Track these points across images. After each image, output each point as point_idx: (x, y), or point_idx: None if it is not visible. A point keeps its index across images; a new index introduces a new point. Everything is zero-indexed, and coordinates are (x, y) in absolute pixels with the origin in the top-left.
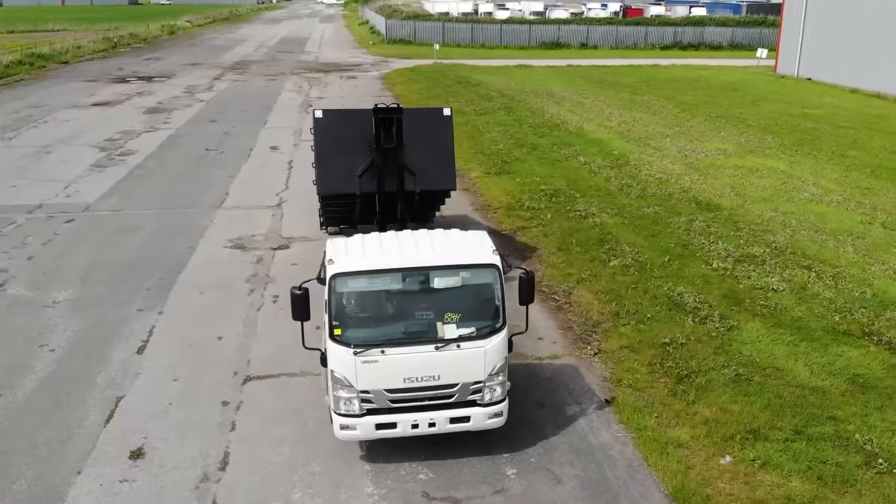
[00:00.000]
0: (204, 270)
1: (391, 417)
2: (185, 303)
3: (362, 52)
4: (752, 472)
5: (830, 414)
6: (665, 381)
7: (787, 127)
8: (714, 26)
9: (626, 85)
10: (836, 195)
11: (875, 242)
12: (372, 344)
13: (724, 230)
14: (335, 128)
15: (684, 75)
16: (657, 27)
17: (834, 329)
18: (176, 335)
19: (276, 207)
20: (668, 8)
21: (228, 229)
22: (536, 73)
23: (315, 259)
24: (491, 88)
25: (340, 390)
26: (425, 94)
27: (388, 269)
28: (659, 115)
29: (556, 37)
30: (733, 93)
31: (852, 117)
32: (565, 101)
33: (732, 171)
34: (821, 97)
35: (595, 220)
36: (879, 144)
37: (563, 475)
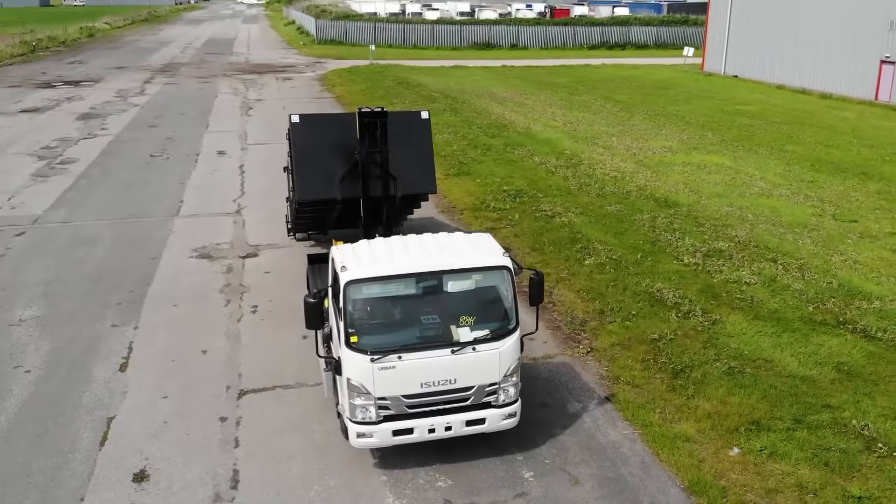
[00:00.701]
0: (174, 282)
1: (408, 423)
2: (161, 316)
3: (294, 53)
4: (761, 463)
5: (825, 402)
6: (661, 376)
7: (724, 123)
8: (639, 26)
9: (562, 85)
10: (784, 189)
11: (830, 234)
12: (388, 350)
13: (687, 226)
14: (313, 132)
15: (617, 74)
16: (584, 27)
17: (810, 319)
18: (157, 350)
19: (237, 214)
20: (592, 8)
21: (191, 238)
22: (473, 74)
23: (287, 266)
24: (432, 89)
25: (357, 398)
26: (368, 95)
27: (402, 274)
28: (600, 114)
29: (487, 37)
30: (666, 91)
31: (783, 113)
32: (508, 102)
33: (682, 168)
34: (750, 94)
35: (563, 220)
36: (813, 139)
37: (579, 475)
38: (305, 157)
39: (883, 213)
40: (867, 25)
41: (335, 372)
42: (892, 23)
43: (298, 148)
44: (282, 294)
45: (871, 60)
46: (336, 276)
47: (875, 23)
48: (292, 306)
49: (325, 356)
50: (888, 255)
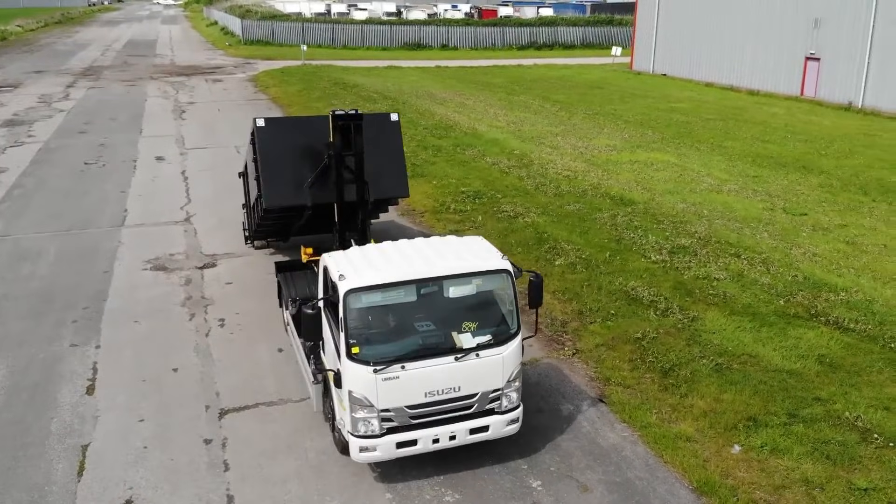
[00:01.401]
0: (130, 296)
1: (412, 434)
2: (122, 334)
3: (220, 54)
4: (763, 459)
5: (814, 395)
6: (651, 376)
7: (662, 121)
8: (566, 26)
9: (499, 85)
10: (732, 184)
11: (784, 228)
12: (391, 360)
13: (647, 223)
14: (279, 136)
15: (549, 75)
16: (513, 28)
17: (784, 313)
18: (124, 370)
19: (186, 222)
20: (517, 9)
21: (142, 249)
22: (408, 74)
23: (249, 276)
24: (370, 90)
25: (359, 411)
26: (305, 96)
27: (403, 281)
28: (540, 114)
29: (418, 38)
30: (600, 90)
31: (715, 109)
32: (449, 103)
33: (630, 166)
34: (680, 92)
35: (526, 220)
36: (749, 134)
37: (587, 482)
38: (272, 162)
39: (829, 205)
40: (792, 23)
41: (335, 385)
42: (816, 20)
43: (264, 153)
44: (248, 306)
45: (797, 57)
46: (334, 285)
47: (800, 21)
48: (262, 318)
49: (315, 368)
50: (843, 248)
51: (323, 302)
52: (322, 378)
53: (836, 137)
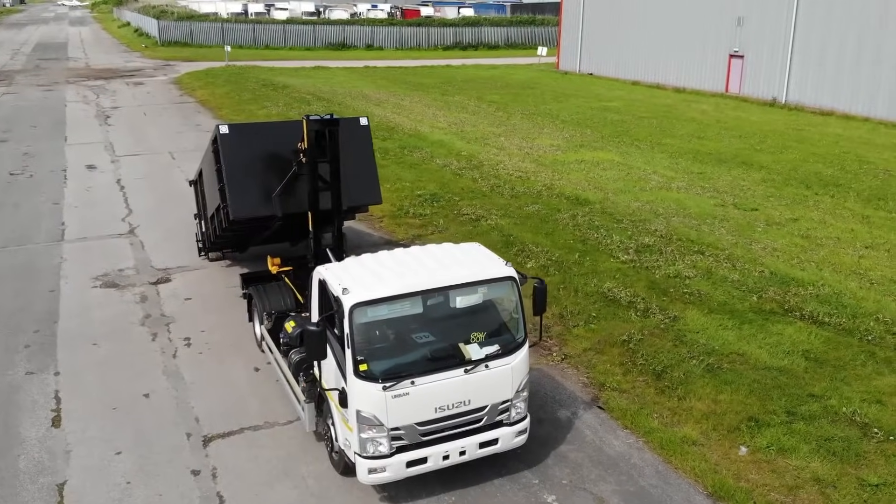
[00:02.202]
0: (84, 317)
1: (422, 452)
2: (82, 358)
3: (137, 56)
4: (772, 460)
5: (808, 392)
6: (644, 379)
7: (598, 120)
8: (489, 26)
9: (431, 86)
10: (679, 182)
11: (739, 223)
12: (400, 375)
13: (607, 223)
14: (244, 144)
15: (480, 75)
16: (438, 28)
17: (760, 309)
18: (91, 398)
19: (131, 235)
20: (437, 9)
21: (87, 265)
22: (337, 75)
23: (209, 291)
24: (302, 91)
25: (368, 430)
26: (235, 98)
27: (409, 292)
28: (479, 114)
29: (342, 38)
30: (532, 90)
31: (646, 108)
32: (385, 104)
33: (578, 166)
34: (609, 91)
35: (489, 223)
36: (684, 131)
37: (601, 493)
38: (237, 170)
39: (776, 200)
40: (716, 21)
41: (340, 404)
42: (739, 18)
43: (229, 161)
44: (213, 322)
45: (721, 55)
46: (336, 299)
47: (724, 19)
48: (230, 335)
49: (305, 387)
50: (800, 242)
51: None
52: (316, 396)
53: (768, 133)
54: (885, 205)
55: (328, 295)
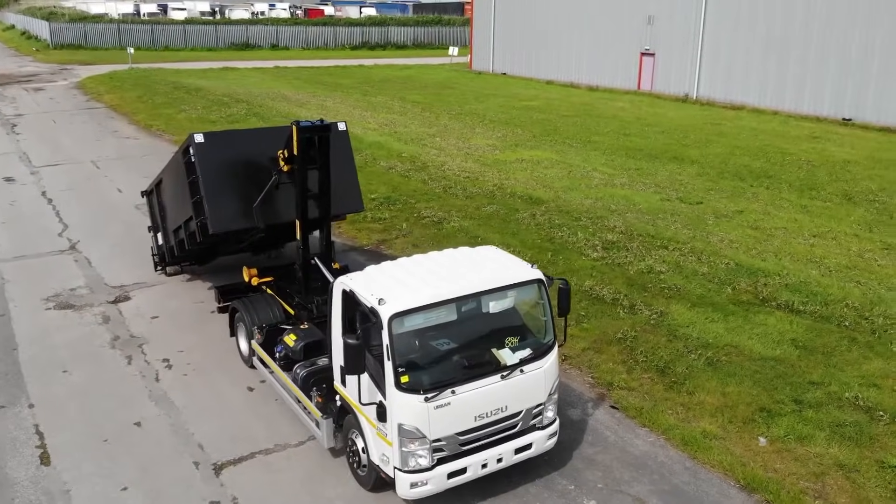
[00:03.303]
0: (45, 342)
1: (461, 462)
2: (55, 388)
3: (29, 60)
4: (792, 448)
5: (808, 380)
6: (649, 376)
7: (524, 120)
8: (396, 26)
9: (349, 86)
10: (620, 178)
11: (689, 217)
12: (440, 385)
13: (567, 221)
14: (220, 153)
15: (395, 75)
16: (345, 27)
17: (738, 301)
18: (76, 431)
19: (73, 251)
20: (338, 8)
21: (33, 285)
22: (248, 76)
23: (176, 308)
24: (218, 93)
25: (410, 444)
26: (149, 102)
27: (446, 300)
28: (407, 115)
29: (245, 38)
30: (451, 90)
31: (566, 106)
32: (308, 105)
33: (520, 165)
34: (526, 90)
35: (452, 225)
36: (609, 129)
37: (639, 494)
38: (214, 181)
39: (716, 193)
40: (627, 20)
41: (378, 419)
42: (649, 17)
43: (206, 172)
44: (189, 341)
45: (632, 53)
46: (372, 310)
47: (634, 18)
48: (212, 354)
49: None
50: (752, 233)
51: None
52: (335, 410)
53: (688, 128)
54: (817, 195)
55: (356, 306)
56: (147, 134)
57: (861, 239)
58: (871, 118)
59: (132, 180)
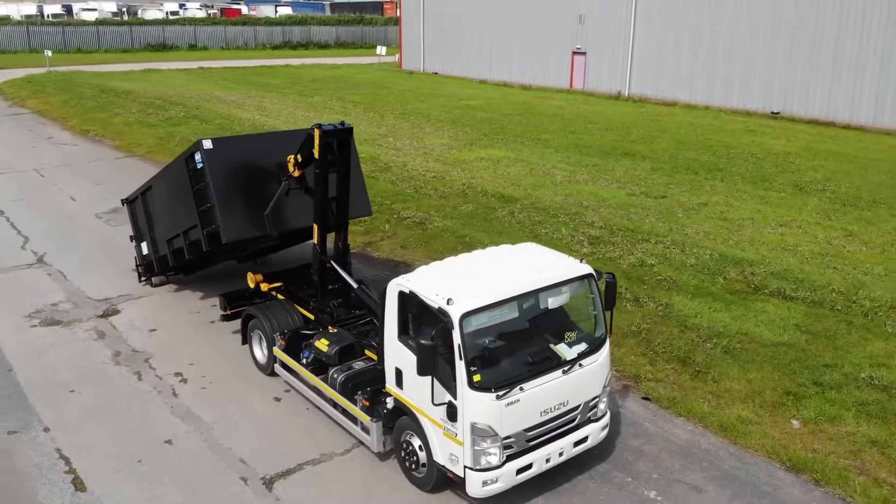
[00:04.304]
0: (41, 361)
1: (528, 458)
2: (67, 409)
3: None
4: (825, 429)
5: (821, 363)
6: (672, 367)
7: (469, 119)
8: (318, 25)
9: (280, 86)
10: (581, 175)
11: (659, 211)
12: (511, 383)
13: (546, 218)
14: (229, 159)
15: (325, 74)
16: (265, 27)
17: (733, 290)
18: (104, 453)
19: (42, 264)
20: (252, 7)
21: (10, 302)
22: (173, 77)
23: (173, 319)
24: (148, 96)
25: (482, 442)
26: (78, 107)
27: (511, 297)
28: (351, 116)
29: (162, 38)
30: (388, 90)
31: (507, 105)
32: (246, 106)
33: (481, 164)
34: (463, 90)
35: (436, 225)
36: (555, 127)
37: (694, 482)
38: (226, 189)
39: (676, 187)
40: (559, 20)
41: (449, 418)
42: (580, 17)
43: (217, 179)
44: (198, 353)
45: (564, 52)
46: (441, 311)
47: (565, 17)
48: (226, 365)
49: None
50: (723, 224)
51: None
52: (385, 413)
53: (629, 125)
54: (771, 185)
55: (418, 307)
56: (86, 139)
57: (823, 227)
58: (799, 111)
59: (83, 188)
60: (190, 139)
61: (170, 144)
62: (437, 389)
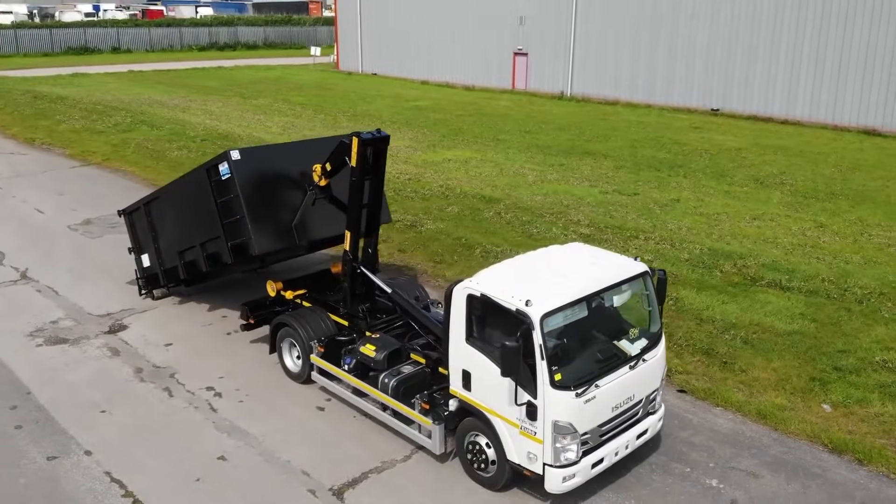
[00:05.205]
0: (59, 381)
1: (600, 452)
2: (104, 430)
3: None
4: (855, 411)
5: (836, 349)
6: (699, 359)
7: (424, 120)
8: (245, 26)
9: (220, 89)
10: (551, 174)
11: (637, 207)
12: (588, 380)
13: (532, 217)
14: (257, 170)
15: (262, 76)
16: (191, 28)
17: (732, 283)
18: (156, 473)
19: (28, 279)
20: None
21: (7, 322)
22: (105, 82)
23: (186, 332)
24: (86, 101)
25: (562, 439)
26: (16, 114)
27: (584, 296)
28: (303, 117)
29: (84, 41)
30: (331, 91)
31: (456, 106)
32: (192, 110)
33: (451, 165)
34: (408, 90)
35: (428, 227)
36: (510, 127)
37: (749, 468)
38: (256, 200)
39: (644, 184)
40: (499, 21)
41: (529, 417)
42: (521, 18)
43: (246, 191)
44: (225, 366)
45: (506, 53)
46: (520, 312)
47: (506, 19)
48: (258, 377)
49: (425, 409)
50: (700, 219)
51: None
52: (447, 415)
53: (580, 124)
54: (731, 180)
55: (488, 310)
56: (33, 148)
57: (794, 219)
58: (738, 107)
59: (48, 199)
60: (146, 146)
61: (126, 152)
62: (507, 391)
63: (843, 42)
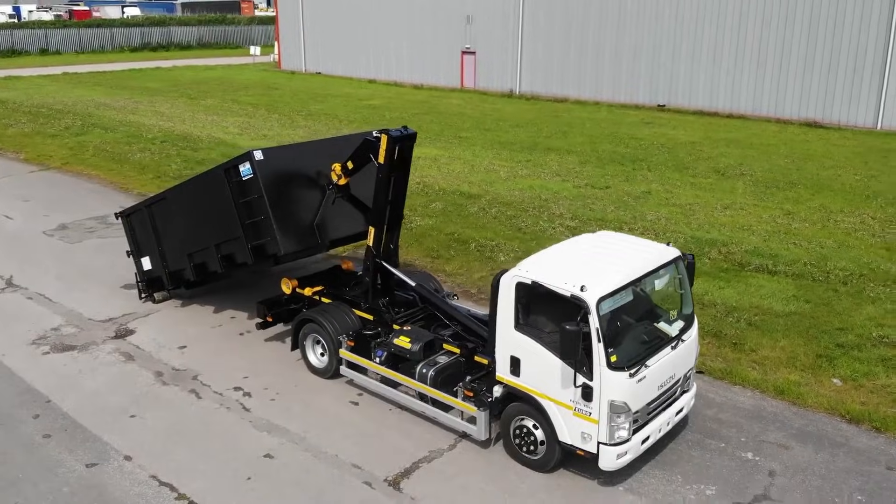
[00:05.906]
0: (79, 389)
1: (647, 430)
2: (139, 435)
3: None
4: (863, 384)
5: (835, 327)
6: (709, 341)
7: (380, 119)
8: (178, 26)
9: (163, 90)
10: (522, 170)
11: (612, 200)
12: (639, 361)
13: (516, 212)
14: (279, 170)
15: (204, 76)
16: (122, 28)
17: (723, 269)
18: (206, 474)
19: (16, 287)
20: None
21: (6, 331)
22: (41, 84)
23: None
24: (29, 104)
25: (617, 418)
26: None
27: (633, 280)
28: (257, 118)
29: (10, 43)
30: (278, 91)
31: (409, 104)
32: (142, 112)
33: (423, 163)
34: (358, 90)
35: (418, 224)
36: (469, 125)
37: (778, 440)
38: (279, 201)
39: (612, 178)
40: (446, 20)
41: (584, 399)
42: (468, 17)
43: (270, 191)
44: (245, 365)
45: (454, 52)
46: (575, 297)
47: (454, 17)
48: (283, 375)
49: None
50: (676, 210)
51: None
52: (492, 401)
53: (536, 121)
54: (694, 172)
55: (539, 297)
56: None
57: (762, 208)
58: (683, 103)
59: (13, 205)
60: (105, 149)
61: (85, 155)
62: (560, 373)
63: (784, 39)
